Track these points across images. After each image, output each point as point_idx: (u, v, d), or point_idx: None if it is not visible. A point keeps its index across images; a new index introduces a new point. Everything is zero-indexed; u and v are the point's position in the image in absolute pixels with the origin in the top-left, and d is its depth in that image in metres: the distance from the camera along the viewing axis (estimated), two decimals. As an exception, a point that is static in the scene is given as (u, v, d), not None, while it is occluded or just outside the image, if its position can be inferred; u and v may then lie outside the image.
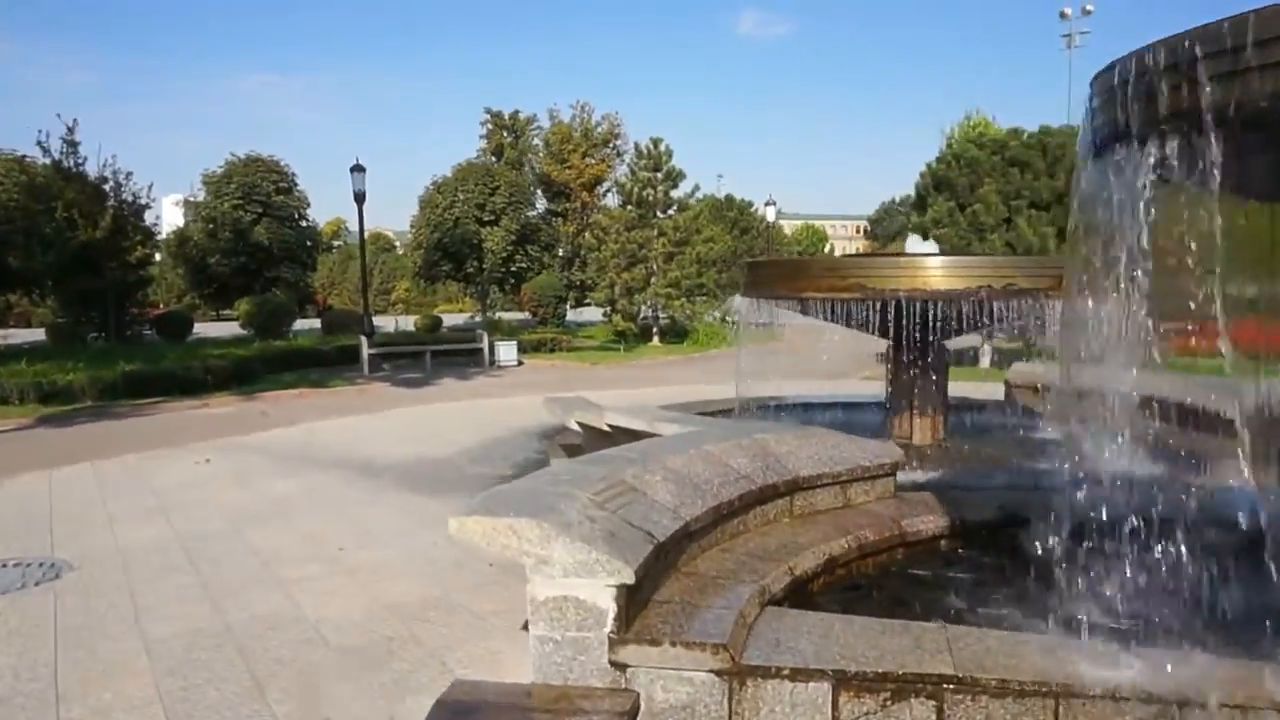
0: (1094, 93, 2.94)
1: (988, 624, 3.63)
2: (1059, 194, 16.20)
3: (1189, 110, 2.31)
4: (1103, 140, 2.84)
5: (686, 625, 3.17)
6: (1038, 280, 6.14)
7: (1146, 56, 2.44)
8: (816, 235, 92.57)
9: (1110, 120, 2.70)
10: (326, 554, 5.52)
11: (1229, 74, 2.19)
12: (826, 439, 5.07)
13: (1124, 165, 2.73)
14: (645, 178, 26.60)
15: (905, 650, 3.03)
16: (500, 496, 3.48)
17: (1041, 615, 3.67)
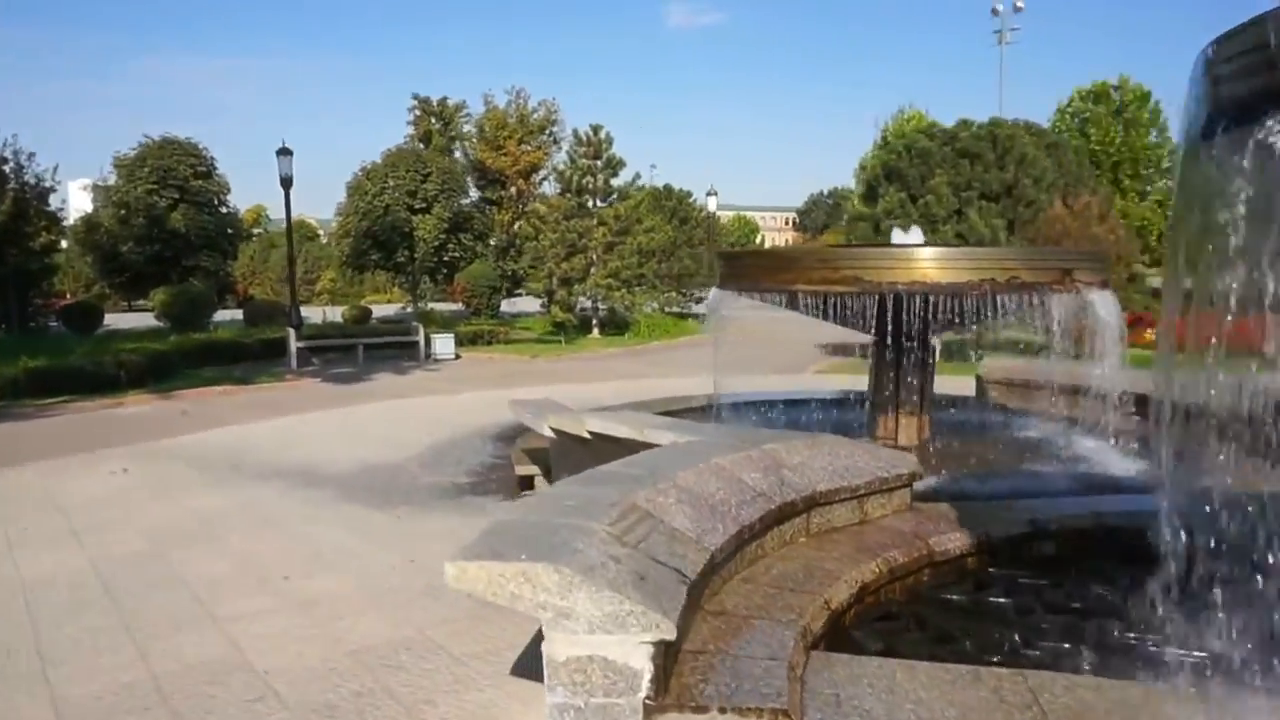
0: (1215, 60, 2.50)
1: (1052, 662, 3.24)
2: (1008, 186, 16.20)
3: None
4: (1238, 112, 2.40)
5: (732, 684, 2.66)
6: (1040, 273, 5.81)
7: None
8: (749, 226, 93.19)
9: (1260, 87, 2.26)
10: (271, 583, 4.84)
11: None
12: (839, 447, 4.61)
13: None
14: (585, 165, 25.94)
15: (988, 706, 2.58)
16: (504, 533, 2.90)
17: (1113, 652, 3.29)
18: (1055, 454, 6.64)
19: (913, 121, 35.90)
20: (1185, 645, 3.25)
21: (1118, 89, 39.13)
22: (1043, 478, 5.69)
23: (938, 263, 5.73)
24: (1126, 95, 38.77)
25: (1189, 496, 3.63)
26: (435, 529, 5.86)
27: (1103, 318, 6.07)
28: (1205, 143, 2.59)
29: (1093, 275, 6.11)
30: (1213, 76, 2.47)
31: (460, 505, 6.48)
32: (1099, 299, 6.07)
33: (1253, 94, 2.32)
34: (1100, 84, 39.62)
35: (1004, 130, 16.63)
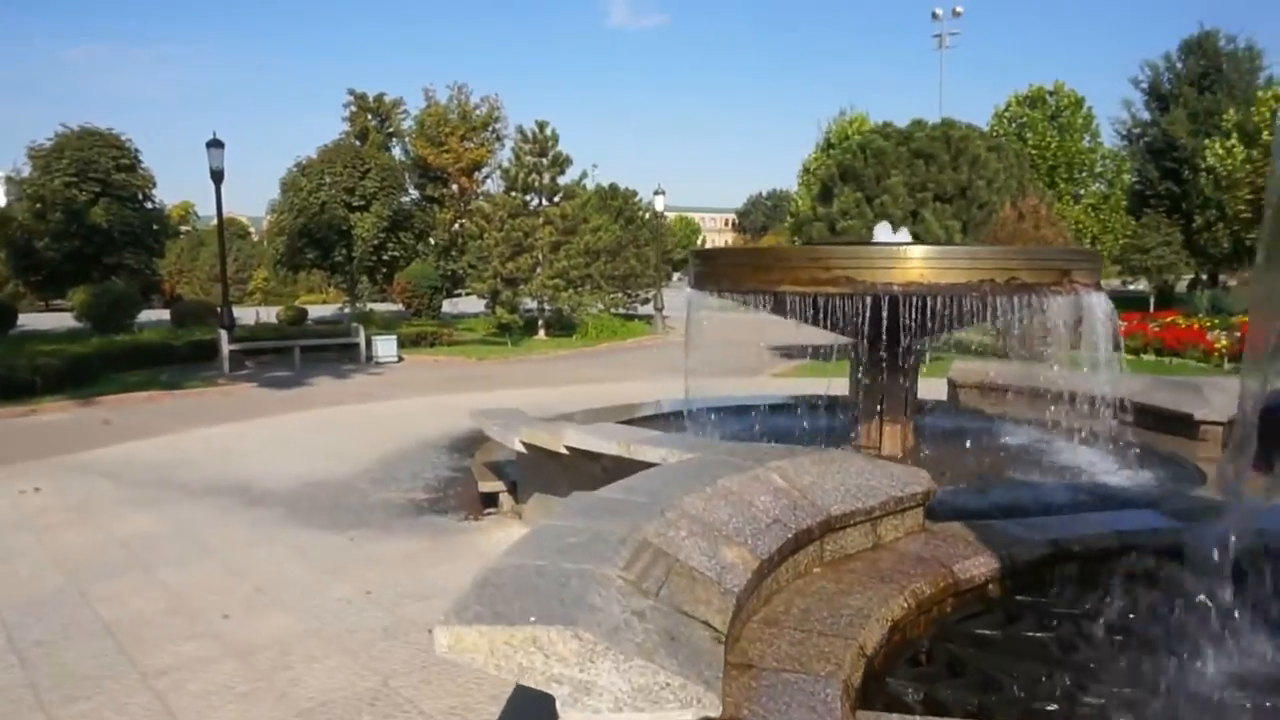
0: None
1: (1120, 707, 2.89)
2: (962, 187, 16.15)
3: None
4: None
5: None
6: (1041, 274, 5.51)
7: None
8: (690, 227, 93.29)
9: None
10: (208, 624, 4.25)
11: None
12: (849, 464, 4.21)
13: None
14: (530, 163, 25.32)
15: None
16: (501, 584, 2.41)
17: (1178, 696, 2.94)
18: (1049, 463, 6.37)
19: (855, 123, 36.06)
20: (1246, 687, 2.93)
21: (1053, 94, 39.97)
22: (1051, 490, 5.39)
23: (936, 262, 5.38)
24: (1061, 100, 39.63)
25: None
26: (393, 554, 5.31)
27: (1100, 320, 5.81)
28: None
29: (1089, 276, 5.85)
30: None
31: (419, 526, 5.93)
32: (1096, 301, 5.82)
33: None
34: (1036, 89, 40.44)
35: (957, 132, 16.62)
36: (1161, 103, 41.23)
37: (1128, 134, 42.75)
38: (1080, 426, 6.85)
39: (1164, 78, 41.62)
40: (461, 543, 5.55)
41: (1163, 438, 7.14)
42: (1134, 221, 36.44)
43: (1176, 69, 41.24)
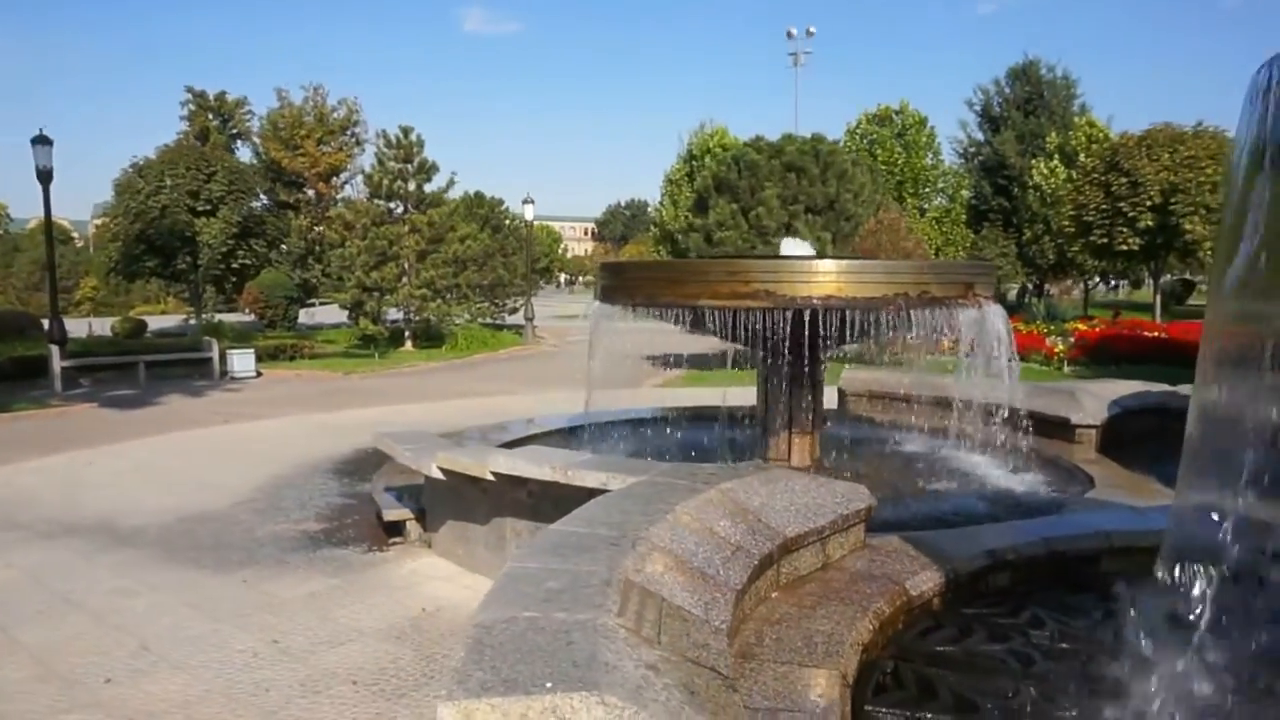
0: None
1: None
2: (830, 200, 16.72)
3: None
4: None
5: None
6: (949, 288, 5.68)
7: None
8: (552, 235, 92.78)
9: None
10: (88, 692, 3.71)
11: None
12: (794, 483, 4.15)
13: None
14: (395, 169, 24.42)
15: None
16: (501, 645, 2.16)
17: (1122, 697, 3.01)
18: (950, 470, 6.58)
19: (716, 136, 36.87)
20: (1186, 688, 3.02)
21: (899, 113, 42.23)
22: (965, 499, 5.54)
23: (853, 277, 5.44)
24: (907, 119, 41.92)
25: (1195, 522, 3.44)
26: (295, 594, 4.86)
27: (1001, 330, 6.03)
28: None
29: (988, 289, 6.08)
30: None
31: (319, 561, 5.46)
32: (994, 312, 6.04)
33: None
34: (884, 108, 42.62)
35: (825, 146, 17.22)
36: (993, 124, 44.36)
37: (965, 153, 45.75)
38: (968, 432, 7.12)
39: (994, 101, 44.81)
40: (371, 578, 5.14)
41: (1042, 440, 7.50)
42: (973, 234, 38.98)
43: (1005, 94, 44.48)
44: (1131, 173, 25.21)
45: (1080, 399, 7.73)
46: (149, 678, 3.83)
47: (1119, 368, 16.42)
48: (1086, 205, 27.19)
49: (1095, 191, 26.76)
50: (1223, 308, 2.94)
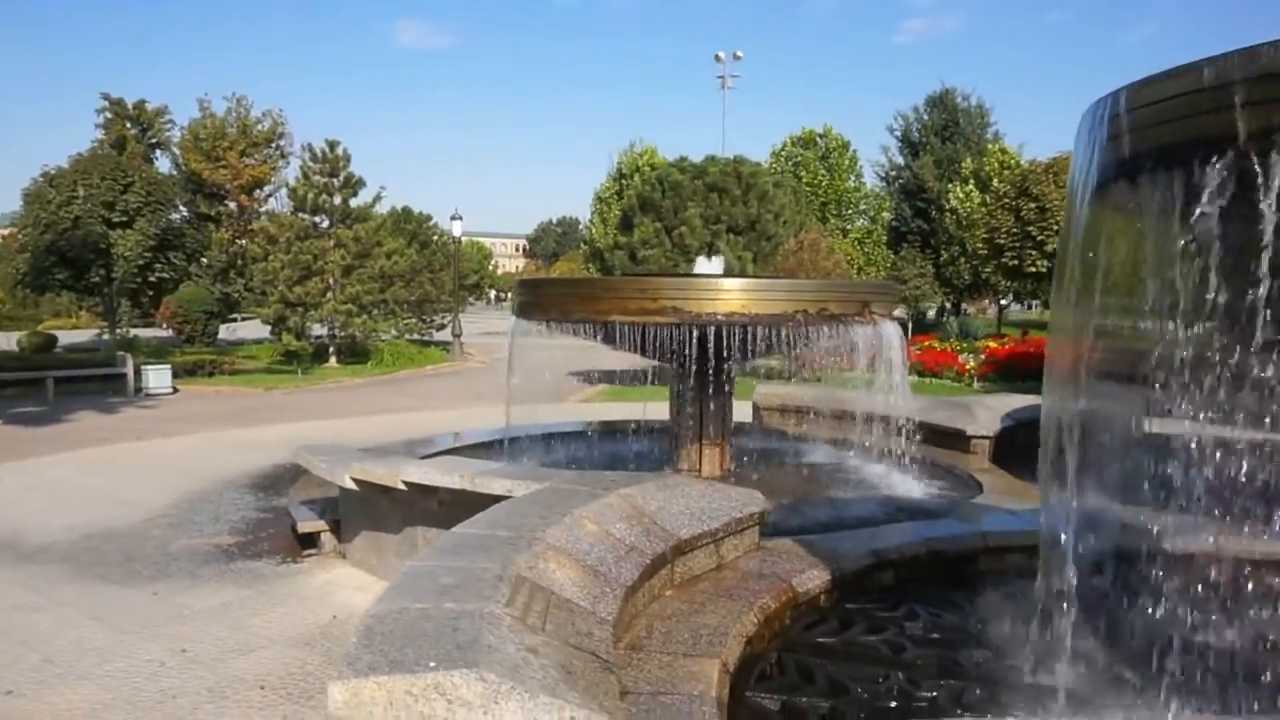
0: (1118, 112, 2.55)
1: (949, 700, 3.21)
2: (752, 220, 17.21)
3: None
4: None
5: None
6: (847, 305, 6.02)
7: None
8: (482, 252, 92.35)
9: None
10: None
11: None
12: (690, 489, 4.40)
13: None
14: (320, 183, 24.17)
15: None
16: (391, 631, 2.33)
17: (992, 682, 3.31)
18: (853, 479, 6.91)
19: (645, 155, 37.39)
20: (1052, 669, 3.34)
21: (823, 137, 43.45)
22: (862, 505, 5.85)
23: (757, 294, 5.74)
24: (830, 143, 43.16)
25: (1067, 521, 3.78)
26: (207, 606, 4.89)
27: (895, 347, 6.40)
28: (1117, 185, 2.66)
29: (885, 307, 6.44)
30: (1131, 124, 2.52)
31: (232, 573, 5.49)
32: (890, 329, 6.41)
33: (1181, 140, 2.37)
34: (808, 131, 43.80)
35: (747, 168, 17.72)
36: (912, 149, 45.95)
37: (886, 176, 47.24)
38: (874, 443, 7.50)
39: (914, 127, 46.43)
40: (284, 588, 5.20)
41: (940, 451, 7.92)
42: (893, 255, 40.25)
43: (924, 120, 46.14)
44: (1040, 198, 26.46)
45: (975, 412, 8.18)
46: (52, 689, 3.85)
47: (1024, 383, 17.21)
48: (999, 229, 28.37)
49: (1007, 216, 27.96)
50: (1060, 326, 3.29)
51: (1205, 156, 2.26)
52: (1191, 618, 3.42)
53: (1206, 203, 2.31)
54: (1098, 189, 2.76)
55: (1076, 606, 3.48)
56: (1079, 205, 2.98)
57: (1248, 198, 2.22)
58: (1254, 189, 2.21)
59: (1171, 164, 2.41)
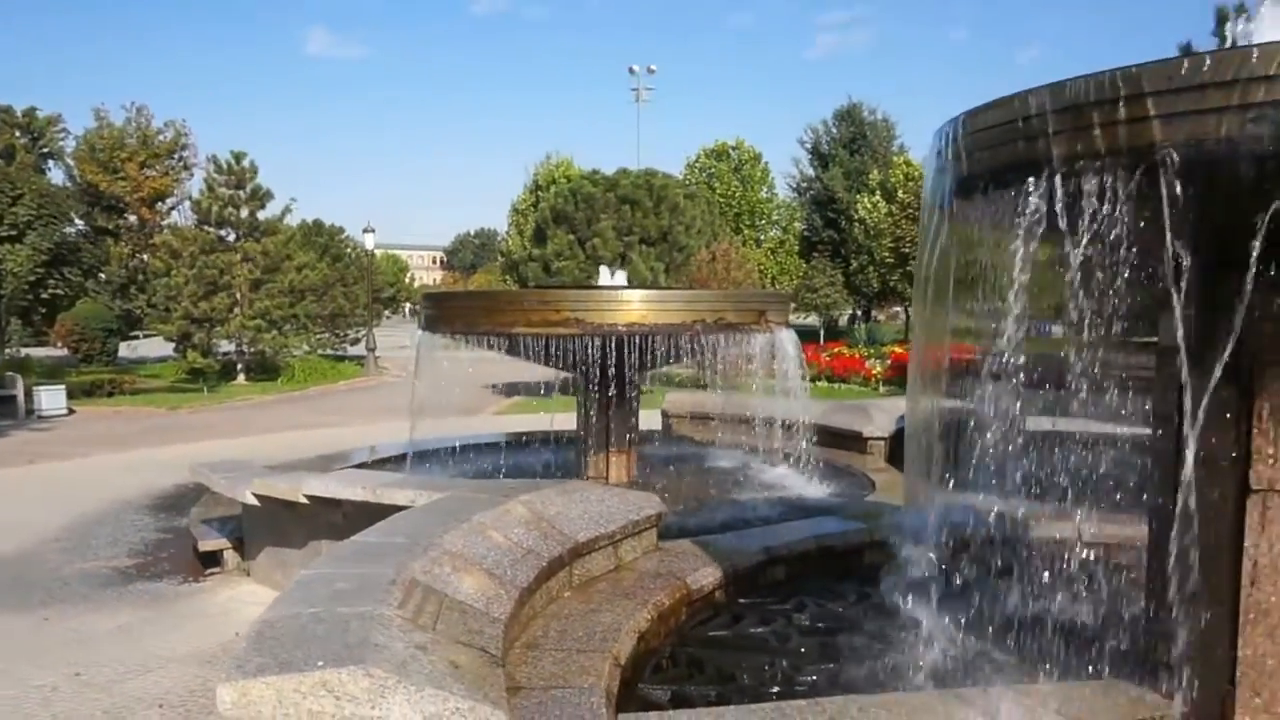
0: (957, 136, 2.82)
1: (827, 682, 3.43)
2: (664, 232, 17.52)
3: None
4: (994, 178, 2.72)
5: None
6: (744, 314, 6.26)
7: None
8: (398, 265, 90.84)
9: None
10: None
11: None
12: (589, 494, 4.55)
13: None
14: (226, 195, 23.55)
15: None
16: (281, 635, 2.42)
17: (866, 662, 3.55)
18: (755, 481, 7.17)
19: (561, 167, 37.55)
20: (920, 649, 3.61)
21: (735, 149, 44.32)
22: (760, 505, 6.09)
23: (656, 305, 5.94)
24: (743, 155, 44.05)
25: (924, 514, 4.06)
26: (103, 629, 4.81)
27: (790, 354, 6.69)
28: (961, 201, 2.92)
29: (780, 316, 6.73)
30: (968, 147, 2.78)
31: (131, 595, 5.39)
32: (785, 336, 6.70)
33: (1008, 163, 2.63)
34: (721, 144, 44.62)
35: (658, 181, 18.05)
36: (822, 161, 47.25)
37: (797, 187, 48.46)
38: (776, 447, 7.79)
39: (823, 140, 47.77)
40: (186, 607, 5.14)
41: (839, 452, 8.27)
42: (805, 264, 41.29)
43: (833, 133, 47.52)
44: (941, 208, 27.55)
45: (871, 414, 8.56)
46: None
47: (937, 386, 17.91)
48: (904, 238, 29.45)
49: (911, 225, 29.06)
50: (919, 331, 3.57)
51: (1025, 178, 2.54)
52: (1048, 597, 3.74)
53: (1027, 220, 2.58)
54: (944, 205, 3.03)
55: (940, 591, 3.77)
56: (930, 219, 3.25)
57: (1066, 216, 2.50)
58: (1069, 209, 2.49)
59: (1000, 184, 2.67)
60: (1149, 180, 2.24)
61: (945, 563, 4.02)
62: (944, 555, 4.04)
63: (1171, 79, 2.17)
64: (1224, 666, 2.70)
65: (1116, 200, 2.34)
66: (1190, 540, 2.69)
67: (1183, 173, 2.19)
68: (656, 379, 14.91)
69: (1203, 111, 2.11)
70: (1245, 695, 2.73)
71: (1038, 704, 2.76)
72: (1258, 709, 2.71)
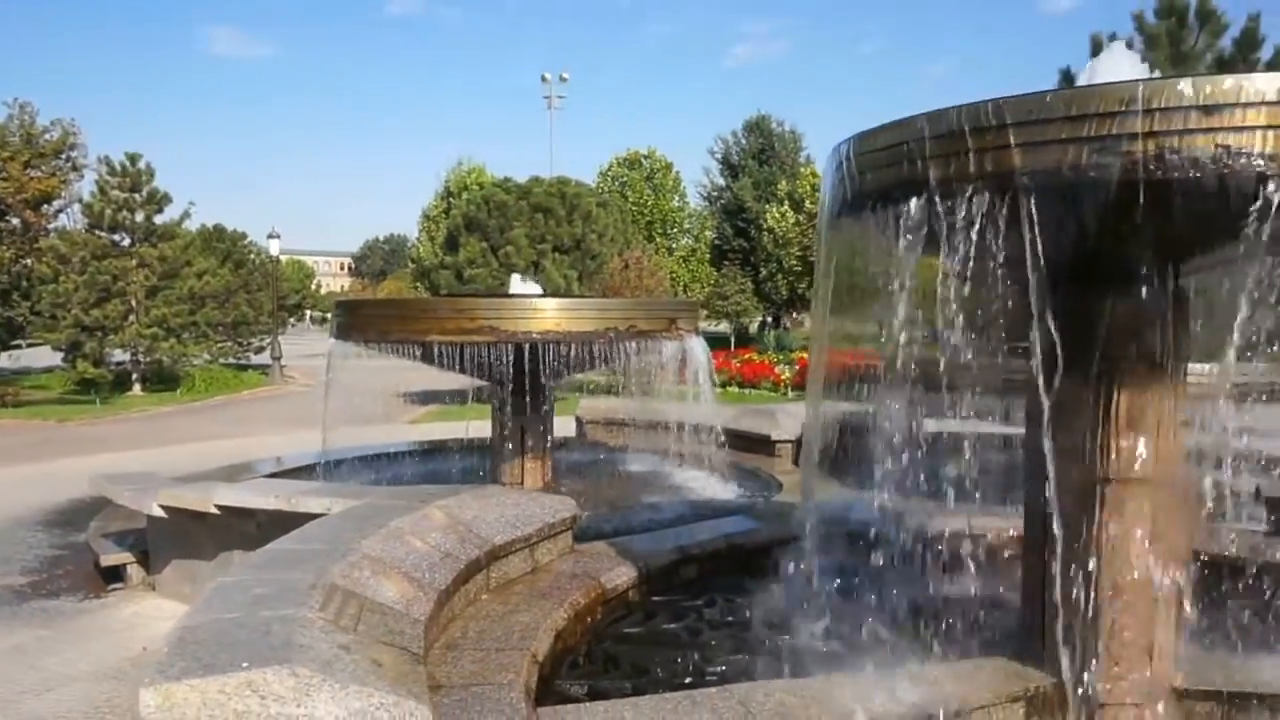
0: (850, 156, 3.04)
1: (736, 672, 3.61)
2: (577, 240, 17.65)
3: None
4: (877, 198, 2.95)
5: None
6: (654, 322, 6.45)
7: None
8: (304, 271, 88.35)
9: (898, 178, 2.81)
10: None
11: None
12: (505, 498, 4.65)
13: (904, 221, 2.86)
14: (120, 199, 22.59)
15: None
16: (203, 639, 2.45)
17: (773, 653, 3.76)
18: (668, 484, 7.36)
19: (474, 174, 37.27)
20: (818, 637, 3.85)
21: (647, 158, 44.79)
22: (673, 507, 6.27)
23: (569, 313, 6.07)
24: (655, 164, 44.55)
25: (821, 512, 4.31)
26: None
27: (700, 360, 6.91)
28: (848, 217, 3.15)
29: (690, 323, 6.94)
30: (860, 166, 3.01)
31: (25, 613, 5.20)
32: (695, 343, 6.91)
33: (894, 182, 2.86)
34: (633, 152, 45.03)
35: (571, 189, 18.17)
36: (732, 171, 48.18)
37: (708, 196, 49.25)
38: (688, 451, 8.00)
39: (733, 150, 48.72)
40: (86, 624, 5.00)
41: (748, 455, 8.53)
42: (716, 272, 42.01)
43: (742, 144, 48.51)
44: (845, 219, 28.44)
45: (778, 418, 8.87)
46: None
47: (835, 391, 18.51)
48: (811, 247, 30.28)
49: (817, 235, 29.86)
50: (817, 337, 3.80)
51: (908, 197, 2.77)
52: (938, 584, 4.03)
53: (910, 236, 2.82)
54: (838, 218, 3.25)
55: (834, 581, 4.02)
56: (826, 232, 3.48)
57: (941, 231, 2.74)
58: (947, 226, 2.72)
59: (888, 202, 2.91)
60: (1013, 203, 2.50)
61: (842, 556, 4.28)
62: (840, 549, 4.30)
63: (1030, 112, 2.44)
64: (1089, 639, 3.00)
65: (987, 220, 2.59)
66: (1056, 527, 2.97)
67: (1040, 196, 2.46)
68: (571, 386, 15.00)
69: (1056, 142, 2.38)
70: (1107, 665, 3.03)
71: (929, 682, 3.00)
72: (1117, 676, 3.02)
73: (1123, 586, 2.94)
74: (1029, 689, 3.07)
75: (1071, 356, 2.99)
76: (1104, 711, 3.01)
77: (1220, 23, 14.01)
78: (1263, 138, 2.15)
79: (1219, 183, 2.21)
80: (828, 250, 3.54)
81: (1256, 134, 2.17)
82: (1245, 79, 2.21)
